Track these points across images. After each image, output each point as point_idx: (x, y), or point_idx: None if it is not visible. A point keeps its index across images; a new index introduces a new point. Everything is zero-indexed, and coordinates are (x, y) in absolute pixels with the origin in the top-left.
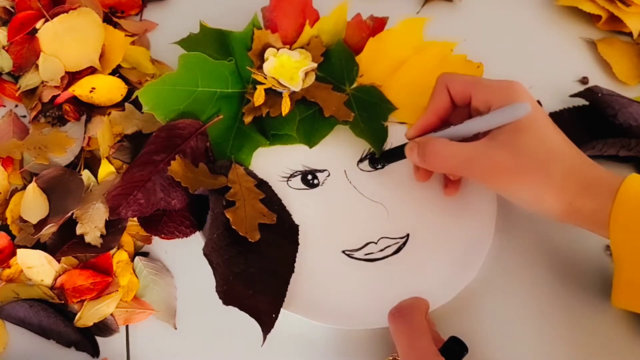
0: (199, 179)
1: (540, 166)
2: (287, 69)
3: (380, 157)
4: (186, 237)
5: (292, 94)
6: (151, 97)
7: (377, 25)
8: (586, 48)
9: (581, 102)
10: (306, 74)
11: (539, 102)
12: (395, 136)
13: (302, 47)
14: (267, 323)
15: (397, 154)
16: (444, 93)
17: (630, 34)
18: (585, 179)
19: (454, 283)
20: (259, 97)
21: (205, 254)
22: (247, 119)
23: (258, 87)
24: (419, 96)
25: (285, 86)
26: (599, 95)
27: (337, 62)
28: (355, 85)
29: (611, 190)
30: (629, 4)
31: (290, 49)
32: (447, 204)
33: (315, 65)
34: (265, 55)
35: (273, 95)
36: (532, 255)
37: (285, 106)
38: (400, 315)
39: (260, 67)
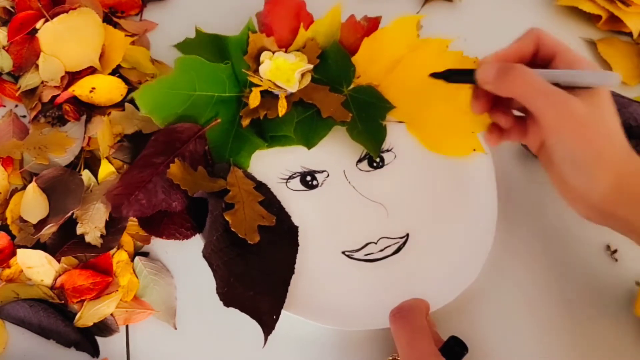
0: (198, 182)
1: (608, 135)
2: (283, 71)
3: (442, 74)
4: (186, 239)
5: (290, 96)
6: (148, 100)
7: (371, 25)
8: (586, 48)
9: None
10: (302, 75)
11: None
12: (395, 135)
13: (297, 50)
14: (268, 324)
15: (463, 74)
16: (532, 40)
17: (630, 34)
18: (638, 168)
19: (454, 284)
20: (254, 99)
21: (205, 256)
22: (245, 122)
23: (254, 89)
24: (417, 94)
25: (281, 88)
26: None
27: (333, 64)
28: (352, 86)
29: None
30: (629, 4)
31: (285, 52)
32: (448, 204)
33: (311, 66)
34: (261, 59)
35: (270, 97)
36: (532, 256)
37: (282, 107)
38: (401, 315)
39: (256, 71)
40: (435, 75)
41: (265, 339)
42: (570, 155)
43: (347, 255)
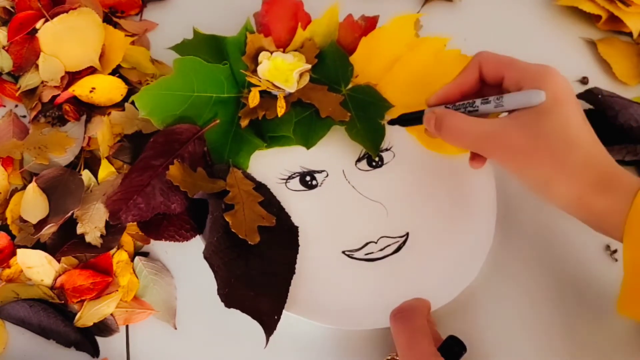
0: (197, 183)
1: (555, 151)
2: (282, 71)
3: (397, 120)
4: (186, 240)
5: (288, 96)
6: (148, 102)
7: (369, 24)
8: (586, 48)
9: (583, 104)
10: (301, 75)
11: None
12: (394, 135)
13: (295, 50)
14: (269, 324)
15: (414, 118)
16: (474, 70)
17: (630, 34)
18: (601, 174)
19: (454, 283)
20: (253, 99)
21: (205, 257)
22: (244, 123)
23: (252, 89)
24: (415, 93)
25: (280, 88)
26: (599, 96)
27: (331, 64)
28: (350, 85)
29: (629, 192)
30: (629, 4)
31: (283, 52)
32: (447, 203)
33: (309, 66)
34: (259, 59)
35: (268, 98)
36: (532, 255)
37: (281, 107)
38: (401, 316)
39: (254, 71)
40: (391, 122)
41: (267, 340)
42: (523, 181)
43: (348, 255)
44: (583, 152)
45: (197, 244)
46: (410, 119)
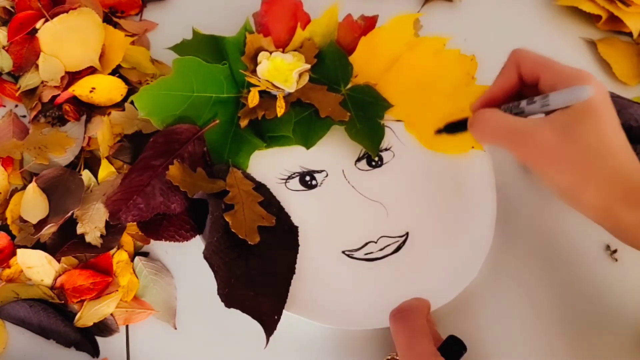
0: (197, 183)
1: (586, 157)
2: (281, 71)
3: (445, 129)
4: (186, 240)
5: (287, 96)
6: (147, 102)
7: (368, 24)
8: (586, 48)
9: None
10: (300, 75)
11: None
12: (393, 135)
13: (295, 50)
14: (269, 324)
15: (460, 126)
16: (513, 70)
17: (630, 34)
18: (633, 186)
19: (454, 283)
20: (253, 99)
21: (205, 258)
22: (243, 123)
23: (252, 89)
24: (415, 92)
25: (279, 88)
26: None
27: (330, 64)
28: (350, 85)
29: None
30: (629, 4)
31: (283, 52)
32: (446, 202)
33: (308, 66)
34: (258, 59)
35: (268, 98)
36: (532, 255)
37: (280, 107)
38: (401, 316)
39: (254, 71)
40: (439, 132)
41: (267, 340)
42: (549, 185)
43: (347, 255)
44: (616, 162)
45: (197, 244)
46: (457, 126)
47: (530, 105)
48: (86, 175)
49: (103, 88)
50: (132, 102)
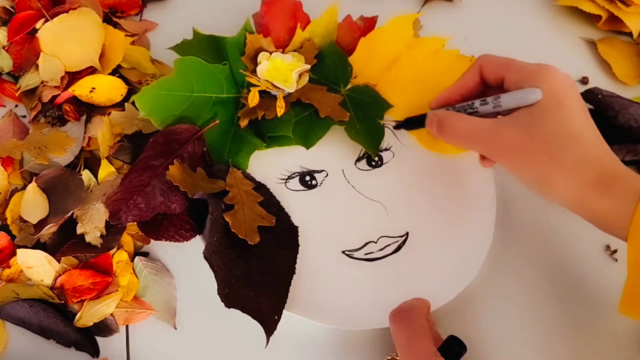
0: (197, 183)
1: (552, 148)
2: (281, 71)
3: (402, 124)
4: (186, 240)
5: (287, 96)
6: (147, 102)
7: (368, 25)
8: (586, 48)
9: None
10: (300, 75)
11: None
12: (393, 135)
13: (295, 50)
14: (269, 325)
15: (417, 122)
16: (475, 73)
17: (630, 34)
18: (603, 172)
19: (454, 283)
20: (253, 99)
21: (205, 258)
22: (243, 123)
23: (252, 89)
24: (414, 93)
25: (279, 88)
26: (599, 96)
27: (330, 64)
28: (349, 85)
29: (633, 191)
30: (629, 4)
31: (283, 52)
32: (447, 202)
33: (308, 66)
34: (258, 59)
35: (268, 98)
36: (531, 255)
37: (280, 107)
38: (401, 316)
39: (254, 71)
40: (397, 126)
41: (267, 340)
42: (522, 181)
43: (347, 255)
44: (582, 150)
45: (197, 244)
46: (415, 122)
47: (483, 105)
48: (86, 175)
49: (103, 88)
50: (132, 102)
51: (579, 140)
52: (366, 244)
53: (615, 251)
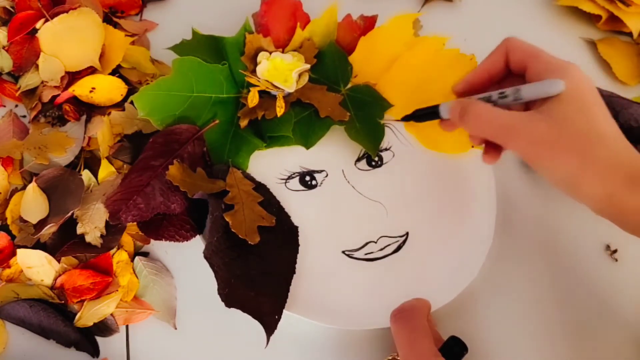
0: (197, 183)
1: (581, 144)
2: (281, 71)
3: (412, 116)
4: (186, 240)
5: (287, 96)
6: (147, 102)
7: (368, 24)
8: (586, 48)
9: None
10: (300, 75)
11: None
12: (393, 134)
13: (294, 50)
14: (269, 324)
15: (429, 113)
16: (501, 55)
17: (630, 34)
18: (633, 170)
19: (454, 283)
20: (253, 99)
21: (206, 257)
22: (243, 123)
23: (252, 89)
24: (414, 92)
25: (279, 88)
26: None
27: (330, 64)
28: (349, 85)
29: None
30: (629, 4)
31: (282, 52)
32: (447, 202)
33: (308, 66)
34: (258, 59)
35: (268, 98)
36: (532, 255)
37: (280, 107)
38: (402, 316)
39: (253, 71)
40: (405, 118)
41: (268, 340)
42: (548, 177)
43: (347, 255)
44: (611, 147)
45: (197, 243)
46: (425, 114)
47: (502, 99)
48: (86, 175)
49: (103, 88)
50: (132, 102)
51: (607, 138)
52: (366, 244)
53: (615, 251)
